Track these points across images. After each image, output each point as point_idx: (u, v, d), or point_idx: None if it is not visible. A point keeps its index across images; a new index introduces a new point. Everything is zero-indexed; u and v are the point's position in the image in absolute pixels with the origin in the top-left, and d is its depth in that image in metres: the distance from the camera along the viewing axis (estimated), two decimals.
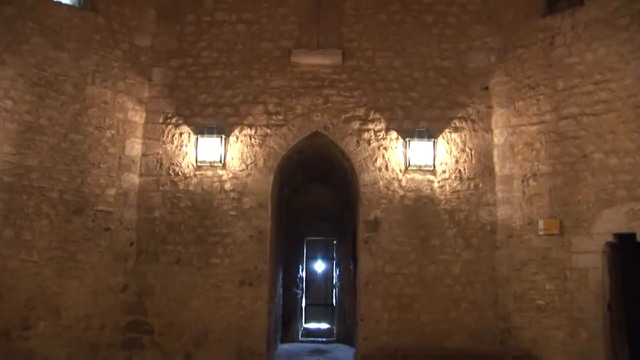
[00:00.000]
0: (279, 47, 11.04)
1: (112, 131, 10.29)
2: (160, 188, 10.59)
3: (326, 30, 11.05)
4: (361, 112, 10.85)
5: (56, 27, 9.67)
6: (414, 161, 10.59)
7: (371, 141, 10.76)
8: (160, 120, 10.77)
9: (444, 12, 11.08)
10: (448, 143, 10.70)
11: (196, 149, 10.62)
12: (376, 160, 10.69)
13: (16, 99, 9.12)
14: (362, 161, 10.70)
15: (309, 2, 11.11)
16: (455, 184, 10.60)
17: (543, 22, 10.06)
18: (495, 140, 10.60)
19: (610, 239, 9.04)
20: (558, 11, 9.97)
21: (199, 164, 10.61)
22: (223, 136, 10.61)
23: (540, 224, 9.80)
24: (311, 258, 17.50)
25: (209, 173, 10.64)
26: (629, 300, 9.44)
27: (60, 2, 9.91)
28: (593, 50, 9.39)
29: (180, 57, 10.94)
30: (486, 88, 10.74)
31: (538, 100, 10.01)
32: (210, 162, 10.60)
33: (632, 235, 8.77)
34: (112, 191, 10.20)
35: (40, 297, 9.22)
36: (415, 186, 10.61)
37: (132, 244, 10.38)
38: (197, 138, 10.63)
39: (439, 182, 10.62)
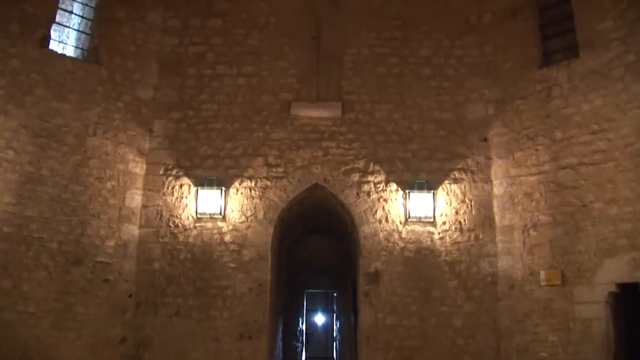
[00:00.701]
0: (279, 100, 11.17)
1: (113, 182, 10.31)
2: (160, 240, 10.55)
3: (326, 83, 11.18)
4: (361, 164, 10.90)
5: (60, 79, 9.83)
6: (414, 213, 10.58)
7: (371, 193, 10.77)
8: (161, 172, 10.80)
9: (441, 65, 11.27)
10: (448, 194, 10.72)
11: (196, 200, 10.61)
12: (376, 212, 10.68)
13: (18, 149, 9.22)
14: (362, 213, 10.69)
15: (308, 56, 11.28)
16: (455, 235, 10.57)
17: (540, 74, 10.21)
18: (495, 191, 10.61)
19: (613, 288, 8.93)
20: (554, 63, 10.13)
21: (199, 215, 10.59)
22: (223, 188, 10.63)
23: (542, 274, 9.71)
24: (311, 310, 17.39)
25: (209, 225, 10.61)
26: (632, 351, 9.28)
27: (65, 55, 10.13)
28: (589, 101, 9.51)
29: (182, 110, 11.06)
30: (485, 139, 10.82)
31: (537, 150, 10.07)
32: (210, 214, 10.58)
33: (635, 285, 8.68)
34: (111, 242, 10.17)
35: (36, 349, 9.08)
36: (415, 238, 10.58)
37: (130, 295, 10.27)
38: (197, 190, 10.64)
39: (439, 233, 10.59)
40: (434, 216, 10.60)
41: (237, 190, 10.76)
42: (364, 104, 11.17)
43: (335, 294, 16.21)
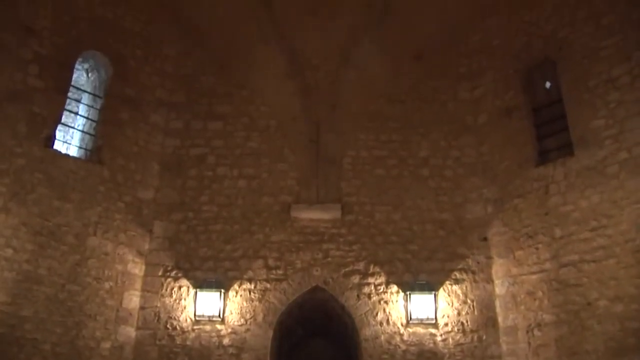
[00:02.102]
0: (279, 202, 11.25)
1: (111, 283, 10.19)
2: (157, 342, 10.28)
3: (325, 185, 11.30)
4: (361, 266, 10.83)
5: (62, 179, 9.93)
6: (415, 314, 10.42)
7: (371, 295, 10.64)
8: (160, 273, 10.71)
9: (439, 165, 11.45)
10: (449, 295, 10.58)
11: (195, 303, 10.44)
12: (377, 314, 10.51)
13: (17, 247, 9.16)
14: (363, 315, 10.52)
15: (308, 158, 11.47)
16: (458, 337, 10.33)
17: (537, 172, 10.35)
18: (497, 290, 10.48)
19: None
20: (550, 161, 10.30)
21: (197, 318, 10.39)
22: (222, 290, 10.49)
23: None
24: None
25: (208, 328, 10.40)
26: None
27: (68, 155, 10.32)
28: (587, 198, 9.57)
29: (182, 211, 11.11)
30: (485, 239, 10.80)
31: (537, 248, 10.03)
32: (208, 317, 10.40)
33: None
34: (107, 344, 9.90)
35: None
36: (417, 340, 10.34)
37: None
38: (196, 292, 10.50)
39: (441, 335, 10.37)
40: (435, 318, 10.39)
41: (237, 293, 10.62)
42: (364, 205, 11.24)
43: None
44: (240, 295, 10.62)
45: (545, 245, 9.94)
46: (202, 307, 10.42)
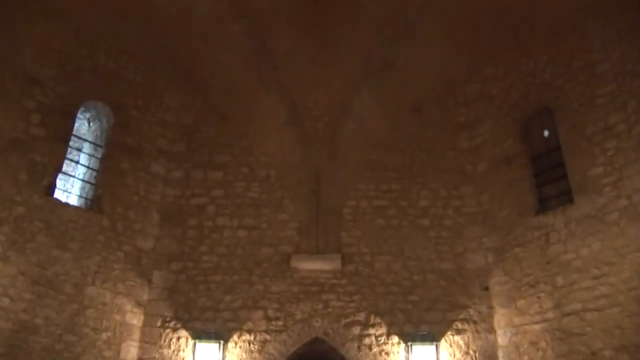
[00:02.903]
0: (279, 253, 11.21)
1: (109, 333, 10.07)
2: None
3: (325, 236, 11.29)
4: (361, 316, 10.73)
5: (62, 227, 9.91)
6: None
7: (372, 346, 10.50)
8: (159, 324, 10.59)
9: (439, 215, 11.45)
10: (451, 346, 10.44)
11: (194, 354, 10.29)
12: None
13: (14, 297, 9.08)
14: None
15: (308, 208, 11.49)
16: None
17: (537, 221, 10.32)
18: (499, 341, 10.34)
19: None
20: (550, 209, 10.28)
21: None
22: (221, 341, 10.37)
23: None
24: None
25: None
26: None
27: (68, 204, 10.31)
28: (588, 245, 9.51)
29: (182, 261, 11.07)
30: (486, 288, 10.72)
31: (539, 298, 9.93)
32: None
33: None
34: None
35: None
36: None
37: None
38: (194, 343, 10.36)
39: None
40: None
41: (236, 344, 10.50)
42: (364, 255, 11.20)
43: None
44: (240, 347, 10.49)
45: (547, 294, 9.84)
46: (200, 358, 10.27)
